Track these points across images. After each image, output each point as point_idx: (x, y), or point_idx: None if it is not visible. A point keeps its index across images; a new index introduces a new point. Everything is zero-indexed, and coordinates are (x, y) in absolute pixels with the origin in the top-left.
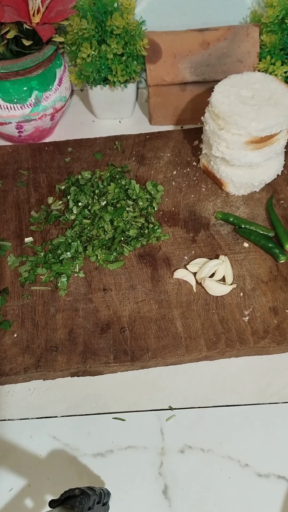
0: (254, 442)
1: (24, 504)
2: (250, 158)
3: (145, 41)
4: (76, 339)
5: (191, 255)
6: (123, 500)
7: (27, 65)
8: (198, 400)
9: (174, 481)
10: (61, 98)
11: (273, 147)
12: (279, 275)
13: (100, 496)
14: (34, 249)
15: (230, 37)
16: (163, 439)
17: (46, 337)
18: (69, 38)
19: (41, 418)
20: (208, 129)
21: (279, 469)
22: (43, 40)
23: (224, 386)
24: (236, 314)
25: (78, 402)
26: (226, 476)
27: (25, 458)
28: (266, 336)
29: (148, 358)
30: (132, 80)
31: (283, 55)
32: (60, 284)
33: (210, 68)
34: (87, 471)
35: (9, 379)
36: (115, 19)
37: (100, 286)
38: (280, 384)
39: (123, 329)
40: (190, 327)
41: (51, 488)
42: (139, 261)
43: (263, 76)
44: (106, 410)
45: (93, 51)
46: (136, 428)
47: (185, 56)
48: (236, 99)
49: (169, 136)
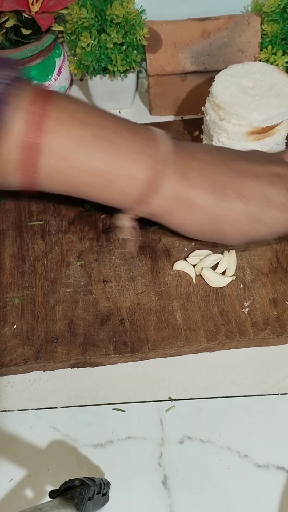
0: (254, 433)
1: (24, 494)
2: (251, 149)
3: (145, 30)
4: (76, 331)
5: (191, 246)
6: (123, 490)
7: (26, 54)
8: (198, 391)
9: (174, 471)
10: (60, 88)
11: (274, 138)
12: (279, 267)
13: (100, 487)
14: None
15: (231, 26)
16: (163, 430)
17: (46, 329)
18: (68, 27)
19: (41, 409)
20: (209, 120)
21: (278, 460)
22: (42, 29)
23: (223, 377)
24: (236, 306)
25: (78, 393)
26: (226, 466)
27: (25, 448)
28: (266, 327)
29: (148, 349)
30: (132, 70)
31: (284, 45)
32: None
33: (210, 58)
34: (87, 462)
35: (9, 370)
36: (115, 8)
37: (100, 277)
38: (280, 376)
39: (123, 321)
40: (190, 318)
41: (51, 479)
42: (139, 253)
43: (264, 66)
44: (106, 401)
45: (93, 40)
46: (136, 419)
47: (186, 46)
48: (237, 89)
49: (169, 126)
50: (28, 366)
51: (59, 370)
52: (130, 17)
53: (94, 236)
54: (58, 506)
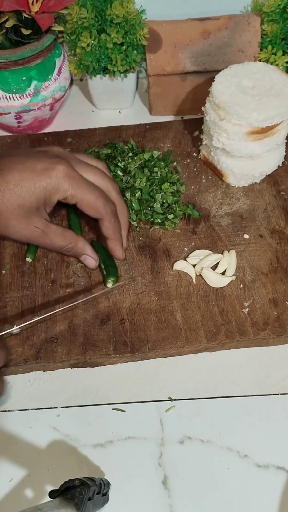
0: (253, 433)
1: (24, 494)
2: (250, 149)
3: (145, 30)
4: (76, 331)
5: (191, 246)
6: (123, 490)
7: (26, 54)
8: (198, 391)
9: (174, 471)
10: (60, 88)
11: (274, 138)
12: (279, 267)
13: (100, 487)
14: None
15: (231, 26)
16: (163, 430)
17: (46, 329)
18: (68, 27)
19: (41, 409)
20: (209, 120)
21: (278, 460)
22: (42, 29)
23: (223, 377)
24: (236, 306)
25: (78, 393)
26: (226, 466)
27: (25, 448)
28: (266, 327)
29: (148, 349)
30: (132, 70)
31: (284, 45)
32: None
33: (210, 58)
34: (87, 462)
35: (9, 370)
36: (115, 8)
37: (99, 277)
38: (280, 376)
39: (123, 321)
40: (190, 318)
41: (51, 479)
42: (139, 253)
43: (264, 66)
44: (106, 401)
45: (93, 40)
46: (136, 419)
47: (186, 46)
48: (237, 89)
49: (169, 126)
50: (28, 366)
51: (59, 370)
52: (130, 17)
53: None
54: (58, 506)
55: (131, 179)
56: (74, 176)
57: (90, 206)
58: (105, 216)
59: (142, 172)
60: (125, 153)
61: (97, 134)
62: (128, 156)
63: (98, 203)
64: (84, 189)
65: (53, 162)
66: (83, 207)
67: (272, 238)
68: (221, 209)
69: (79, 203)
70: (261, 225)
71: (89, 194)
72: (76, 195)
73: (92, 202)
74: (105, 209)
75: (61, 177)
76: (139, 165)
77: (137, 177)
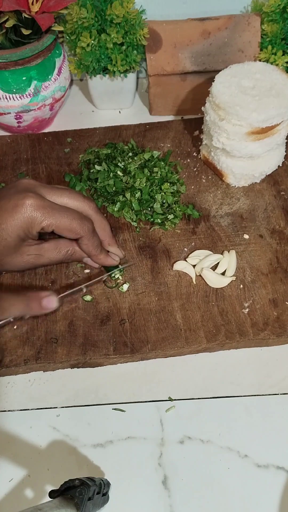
0: (253, 433)
1: (24, 494)
2: (250, 149)
3: (145, 30)
4: (76, 331)
5: (191, 246)
6: (123, 490)
7: (26, 54)
8: (198, 391)
9: (174, 471)
10: (60, 88)
11: (274, 138)
12: (279, 267)
13: (100, 487)
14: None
15: (231, 26)
16: (163, 430)
17: (46, 329)
18: (68, 27)
19: (41, 409)
20: (209, 120)
21: (278, 460)
22: (42, 29)
23: (223, 377)
24: (236, 306)
25: (78, 393)
26: (226, 466)
27: (25, 448)
28: (266, 328)
29: (148, 350)
30: (132, 70)
31: (284, 45)
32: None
33: (210, 58)
34: (87, 462)
35: (9, 370)
36: (115, 8)
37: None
38: (280, 376)
39: (123, 321)
40: (190, 319)
41: (51, 479)
42: (139, 253)
43: (264, 66)
44: (106, 401)
45: (93, 40)
46: (136, 419)
47: (186, 46)
48: (237, 89)
49: (169, 126)
50: (28, 367)
51: (59, 371)
52: (130, 17)
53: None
54: (58, 506)
55: (131, 179)
56: (44, 205)
57: (66, 229)
58: (83, 235)
59: (142, 172)
60: (125, 153)
61: (97, 134)
62: (128, 156)
63: (74, 224)
64: (56, 214)
65: (21, 198)
66: (60, 232)
67: (272, 238)
68: (221, 209)
69: (56, 229)
70: (261, 225)
71: (63, 219)
72: (51, 223)
73: (68, 225)
74: (82, 229)
75: (32, 210)
76: (139, 165)
77: (137, 177)
